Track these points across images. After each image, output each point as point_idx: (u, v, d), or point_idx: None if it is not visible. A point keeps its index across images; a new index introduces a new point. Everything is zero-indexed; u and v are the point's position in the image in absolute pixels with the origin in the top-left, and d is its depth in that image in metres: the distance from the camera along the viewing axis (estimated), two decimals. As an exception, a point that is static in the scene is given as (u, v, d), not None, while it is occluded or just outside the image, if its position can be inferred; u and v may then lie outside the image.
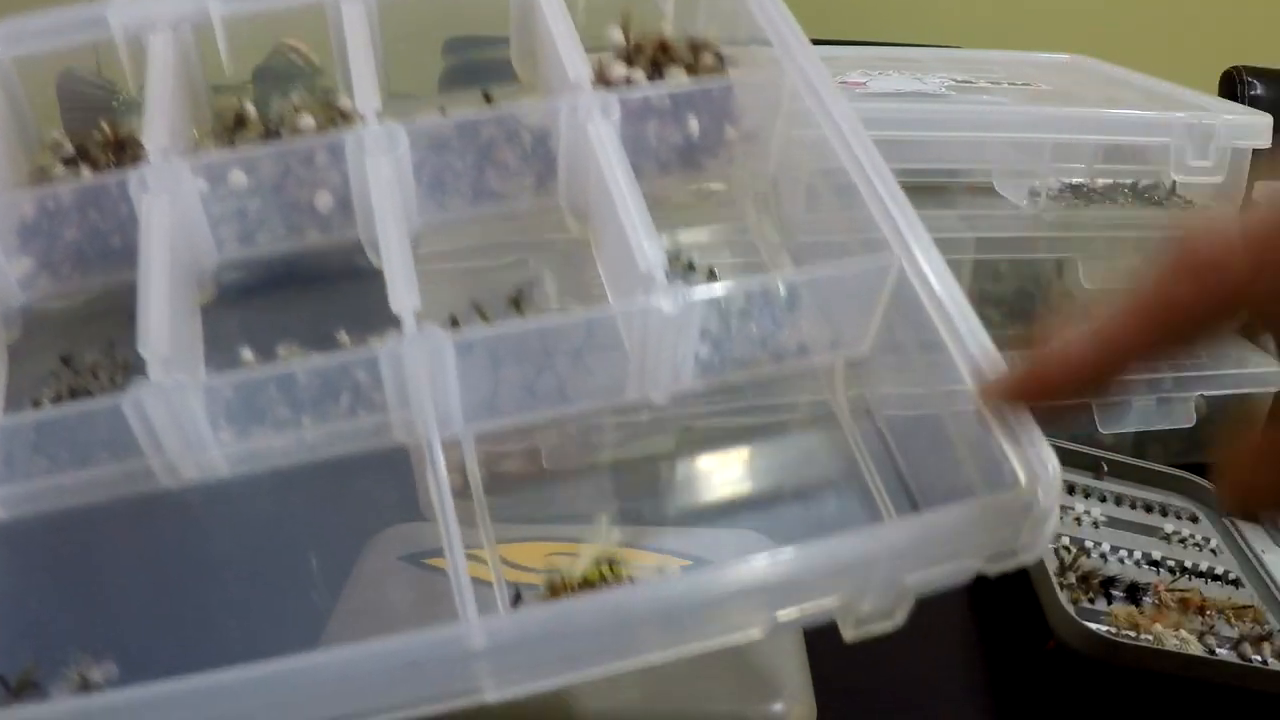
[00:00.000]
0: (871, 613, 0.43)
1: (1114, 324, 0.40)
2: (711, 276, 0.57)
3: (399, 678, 0.39)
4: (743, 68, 0.59)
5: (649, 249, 0.48)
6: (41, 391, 0.53)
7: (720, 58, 0.59)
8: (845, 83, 0.95)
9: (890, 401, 0.53)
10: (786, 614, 0.41)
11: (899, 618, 0.43)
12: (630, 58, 0.59)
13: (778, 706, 0.55)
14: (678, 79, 0.58)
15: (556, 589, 0.47)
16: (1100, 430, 0.85)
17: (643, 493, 0.57)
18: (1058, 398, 0.42)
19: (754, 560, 0.40)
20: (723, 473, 0.57)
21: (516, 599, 0.48)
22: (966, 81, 1.01)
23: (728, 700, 0.55)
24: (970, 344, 0.46)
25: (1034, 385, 0.43)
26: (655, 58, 0.59)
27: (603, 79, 0.57)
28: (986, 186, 0.92)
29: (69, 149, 0.58)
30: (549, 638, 0.40)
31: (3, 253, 0.54)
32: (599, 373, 0.50)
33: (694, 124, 0.57)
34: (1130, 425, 0.87)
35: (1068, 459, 0.81)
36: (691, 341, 0.49)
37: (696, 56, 0.59)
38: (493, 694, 0.40)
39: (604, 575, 0.47)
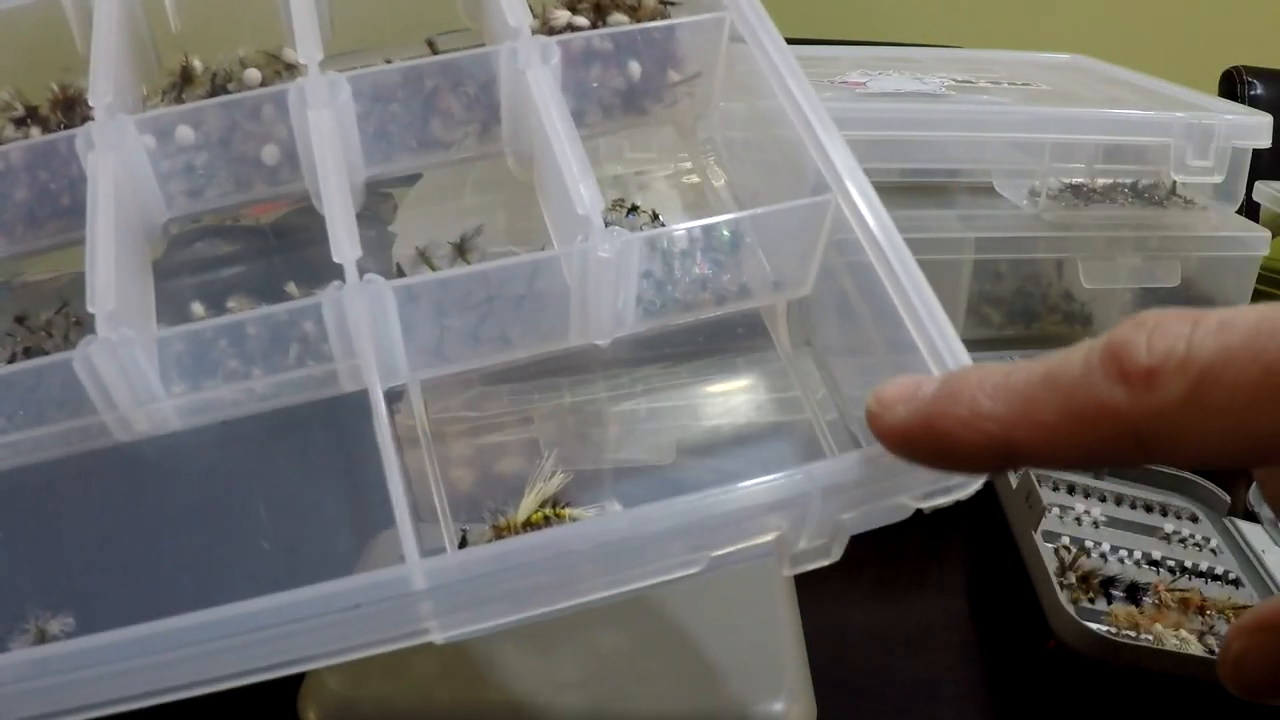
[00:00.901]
0: (808, 550, 0.43)
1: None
2: (655, 219, 0.58)
3: (344, 620, 0.39)
4: (683, 9, 0.59)
5: (586, 192, 0.49)
6: (-4, 351, 0.54)
7: (664, 1, 0.60)
8: (845, 83, 0.95)
9: (831, 337, 0.54)
10: (722, 552, 0.42)
11: (835, 554, 0.44)
12: (573, 4, 0.59)
13: (778, 706, 0.56)
14: (619, 23, 0.58)
15: (501, 531, 0.48)
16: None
17: (587, 438, 0.58)
18: (957, 464, 0.38)
19: (690, 499, 0.41)
20: (667, 417, 0.58)
21: (463, 542, 0.49)
22: (966, 81, 1.01)
23: (728, 700, 0.56)
24: (906, 283, 0.46)
25: (932, 441, 0.37)
26: (598, 2, 0.59)
27: (545, 25, 0.58)
28: (986, 186, 0.93)
29: (19, 109, 0.58)
30: (489, 577, 0.40)
31: (-46, 214, 0.55)
32: (542, 318, 0.51)
33: (635, 67, 0.57)
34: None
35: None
36: (632, 284, 0.50)
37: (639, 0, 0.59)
38: (438, 635, 0.40)
39: (547, 517, 0.48)
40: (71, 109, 0.58)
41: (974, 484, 0.43)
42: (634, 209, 0.57)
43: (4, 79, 0.61)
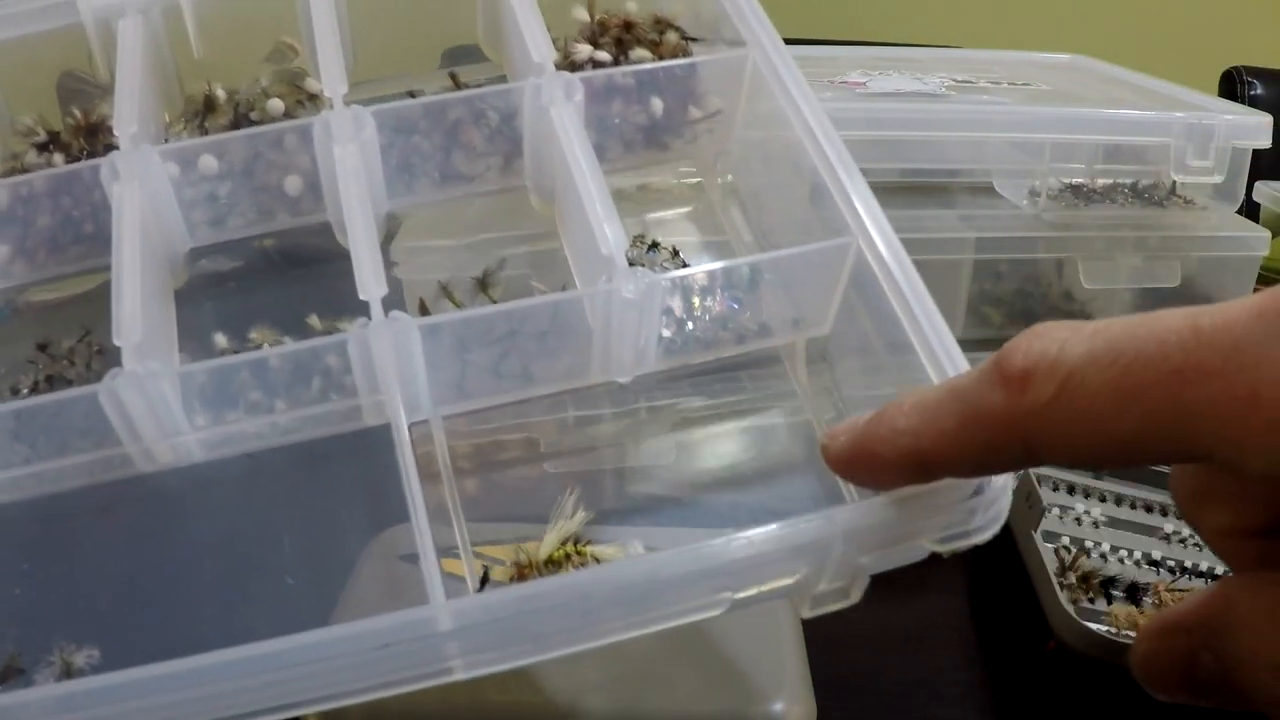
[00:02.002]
0: (828, 592, 0.44)
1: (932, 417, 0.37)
2: (675, 256, 0.58)
3: (371, 660, 0.40)
4: (706, 46, 0.60)
5: (610, 232, 0.49)
6: (19, 378, 0.54)
7: (685, 36, 0.60)
8: (845, 83, 0.95)
9: (851, 378, 0.54)
10: (745, 594, 0.43)
11: (855, 596, 0.44)
12: (595, 38, 0.60)
13: (778, 706, 0.56)
14: (642, 59, 0.58)
15: (523, 570, 0.48)
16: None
17: (604, 478, 0.58)
18: (886, 480, 0.41)
19: (713, 544, 0.41)
20: (685, 457, 0.58)
21: (484, 581, 0.49)
22: (966, 81, 1.01)
23: (728, 700, 0.56)
24: (926, 327, 0.47)
25: (862, 461, 0.40)
26: (619, 37, 0.60)
27: (567, 60, 0.58)
28: (986, 186, 0.93)
29: (42, 135, 0.59)
30: (514, 619, 0.41)
31: (-22, 240, 0.55)
32: (563, 355, 0.51)
33: (657, 103, 0.58)
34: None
35: (1068, 459, 0.81)
36: (654, 323, 0.50)
37: (661, 35, 0.60)
38: (462, 674, 0.41)
39: (569, 555, 0.48)
40: (94, 135, 0.59)
41: (992, 529, 0.43)
42: (654, 245, 0.58)
43: (27, 104, 0.61)
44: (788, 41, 0.58)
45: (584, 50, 0.59)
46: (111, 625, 0.48)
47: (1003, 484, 0.43)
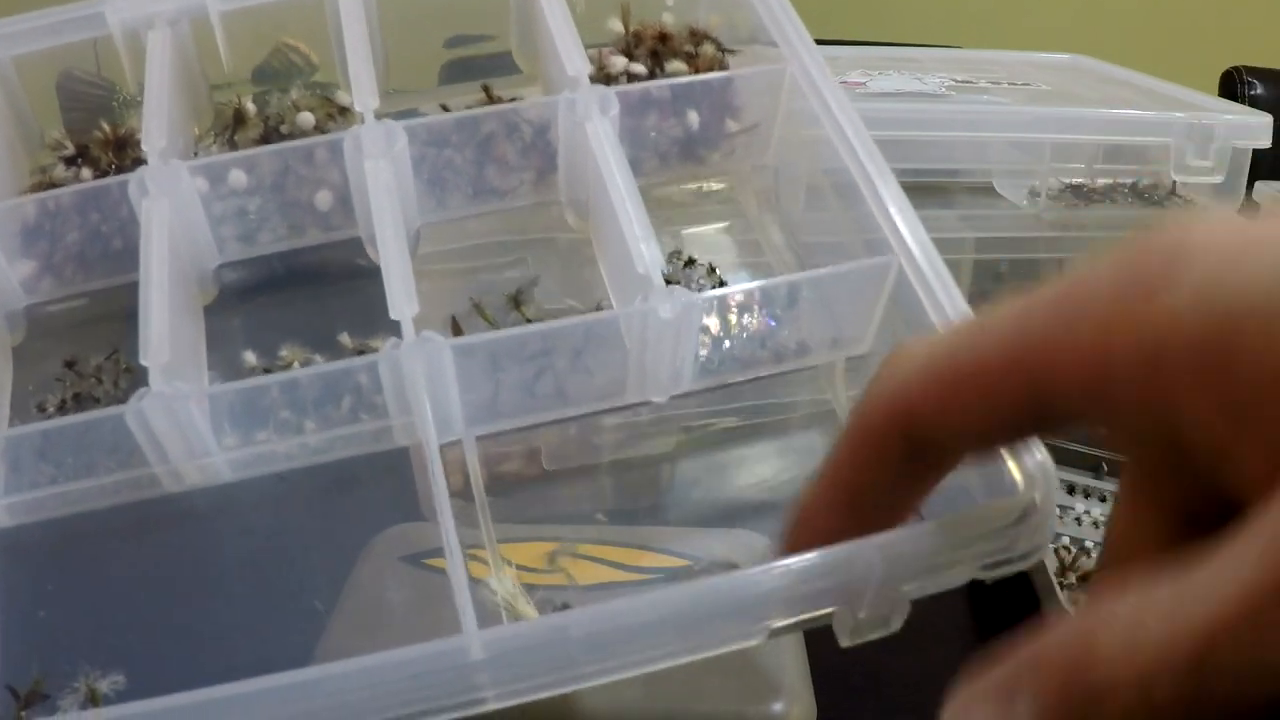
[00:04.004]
0: (868, 620, 0.43)
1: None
2: (712, 273, 0.57)
3: (402, 689, 0.39)
4: (743, 58, 0.59)
5: (647, 251, 0.48)
6: (46, 396, 0.54)
7: (721, 48, 0.59)
8: (845, 83, 0.95)
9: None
10: (783, 623, 0.42)
11: (895, 624, 0.43)
12: (629, 49, 0.59)
13: (778, 706, 0.55)
14: (677, 71, 0.58)
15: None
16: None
17: (642, 492, 0.57)
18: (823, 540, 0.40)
19: (752, 573, 0.40)
20: (722, 472, 0.57)
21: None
22: (966, 81, 1.00)
23: (728, 700, 0.55)
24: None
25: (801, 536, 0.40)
26: (654, 49, 0.59)
27: (602, 72, 0.57)
28: (986, 186, 0.92)
29: (70, 149, 0.58)
30: (547, 648, 0.40)
31: (5, 255, 0.54)
32: (598, 374, 0.50)
33: (694, 117, 0.57)
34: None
35: (1068, 459, 0.80)
36: (691, 343, 0.49)
37: (697, 47, 0.59)
38: (493, 703, 0.40)
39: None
40: (122, 149, 0.58)
41: (1037, 555, 0.42)
42: (691, 261, 0.57)
43: (55, 118, 0.61)
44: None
45: (619, 62, 0.58)
46: (137, 649, 0.47)
47: (1049, 508, 0.42)
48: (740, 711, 0.55)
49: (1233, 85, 1.55)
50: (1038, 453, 0.43)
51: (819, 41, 0.56)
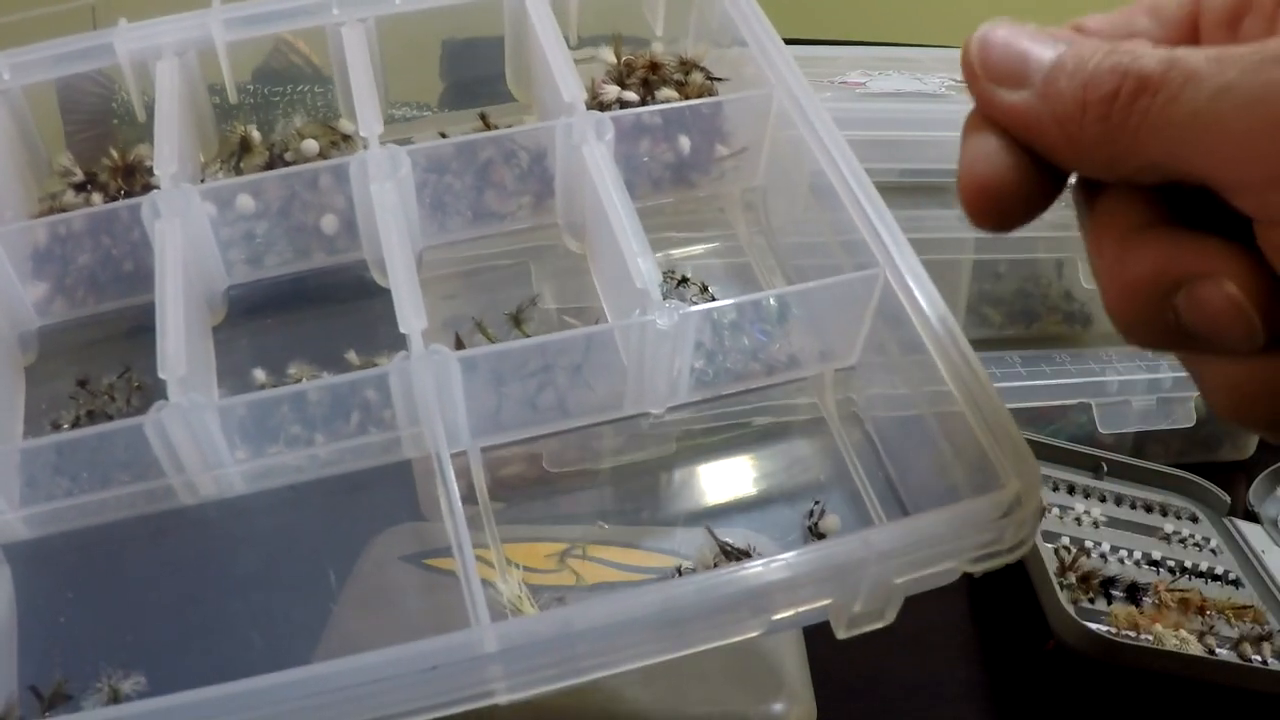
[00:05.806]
0: (863, 613, 0.45)
1: None
2: (704, 290, 0.59)
3: (415, 682, 0.40)
4: (730, 86, 0.61)
5: (645, 266, 0.50)
6: (60, 414, 0.55)
7: (709, 76, 0.61)
8: (845, 83, 0.96)
9: (878, 405, 0.55)
10: (781, 616, 0.43)
11: (889, 616, 0.45)
12: (621, 78, 0.61)
13: (778, 706, 0.56)
14: (668, 98, 0.60)
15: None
16: (1100, 430, 0.86)
17: (641, 495, 0.59)
18: None
19: (751, 566, 0.42)
20: (718, 477, 0.59)
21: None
22: None
23: (728, 700, 0.56)
24: (950, 349, 0.48)
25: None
26: (646, 78, 0.61)
27: (595, 100, 0.59)
28: None
29: (79, 175, 0.60)
30: (557, 641, 0.41)
31: (18, 278, 0.56)
32: (598, 387, 0.52)
33: (685, 142, 0.59)
34: (1130, 425, 0.87)
35: (1068, 459, 0.82)
36: (687, 356, 0.51)
37: (686, 75, 0.61)
38: (504, 696, 0.41)
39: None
40: (132, 175, 0.60)
41: (1023, 549, 0.44)
42: (683, 280, 0.59)
43: (63, 146, 0.62)
44: (787, 41, 0.59)
45: (611, 90, 0.60)
46: (157, 653, 0.49)
47: (1035, 502, 0.44)
48: (741, 712, 0.56)
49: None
50: (1023, 447, 0.45)
51: (818, 42, 0.58)
